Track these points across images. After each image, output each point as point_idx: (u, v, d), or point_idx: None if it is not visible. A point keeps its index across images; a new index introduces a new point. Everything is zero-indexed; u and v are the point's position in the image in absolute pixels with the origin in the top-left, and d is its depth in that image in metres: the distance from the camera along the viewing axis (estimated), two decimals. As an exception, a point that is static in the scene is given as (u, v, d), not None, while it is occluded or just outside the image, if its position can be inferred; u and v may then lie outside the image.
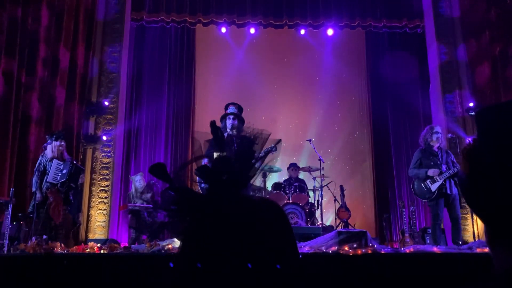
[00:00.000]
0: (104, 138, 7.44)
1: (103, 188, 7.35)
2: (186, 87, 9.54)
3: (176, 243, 3.93)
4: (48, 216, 5.32)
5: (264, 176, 7.52)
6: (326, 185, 7.96)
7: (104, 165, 7.42)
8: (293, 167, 8.27)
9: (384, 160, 9.43)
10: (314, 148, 8.03)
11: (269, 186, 7.92)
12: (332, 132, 9.91)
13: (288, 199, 7.57)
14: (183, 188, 0.84)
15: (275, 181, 8.16)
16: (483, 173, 0.74)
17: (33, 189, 5.50)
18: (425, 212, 8.41)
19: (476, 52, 7.64)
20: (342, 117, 9.99)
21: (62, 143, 5.65)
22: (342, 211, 7.97)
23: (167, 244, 4.03)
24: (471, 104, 7.49)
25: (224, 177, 0.83)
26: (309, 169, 8.16)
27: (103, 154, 7.44)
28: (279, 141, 5.13)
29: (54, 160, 5.53)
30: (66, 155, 5.73)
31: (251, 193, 0.89)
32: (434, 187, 5.23)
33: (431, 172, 5.27)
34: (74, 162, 5.81)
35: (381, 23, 8.56)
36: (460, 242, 5.09)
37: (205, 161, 0.93)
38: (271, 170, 7.90)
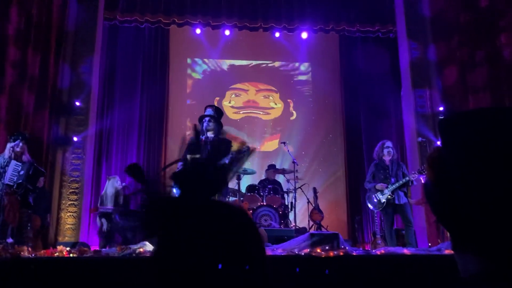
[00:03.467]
0: (75, 139, 7.28)
1: (73, 190, 7.19)
2: (159, 88, 9.44)
3: (148, 246, 3.88)
4: (4, 219, 5.14)
5: (239, 179, 7.50)
6: (299, 187, 7.99)
7: (75, 166, 7.26)
8: (273, 169, 8.29)
9: (356, 163, 9.54)
10: (288, 151, 8.07)
11: (243, 188, 7.90)
12: (306, 135, 9.97)
13: (262, 201, 7.57)
14: (156, 192, 0.83)
15: (250, 183, 8.15)
16: (447, 181, 0.75)
17: None
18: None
19: (445, 54, 7.81)
20: (315, 119, 10.07)
21: (20, 144, 5.44)
22: (315, 213, 8.02)
23: (139, 248, 3.95)
24: (441, 109, 7.64)
25: (196, 184, 0.82)
26: (283, 172, 8.19)
27: (73, 156, 7.28)
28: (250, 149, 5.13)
29: (12, 161, 5.35)
30: (26, 156, 5.52)
31: (227, 195, 0.89)
32: (383, 198, 5.79)
33: (378, 186, 5.87)
34: (35, 164, 5.62)
35: (354, 27, 8.67)
36: (412, 244, 5.58)
37: (179, 164, 0.92)
38: (245, 172, 7.89)
